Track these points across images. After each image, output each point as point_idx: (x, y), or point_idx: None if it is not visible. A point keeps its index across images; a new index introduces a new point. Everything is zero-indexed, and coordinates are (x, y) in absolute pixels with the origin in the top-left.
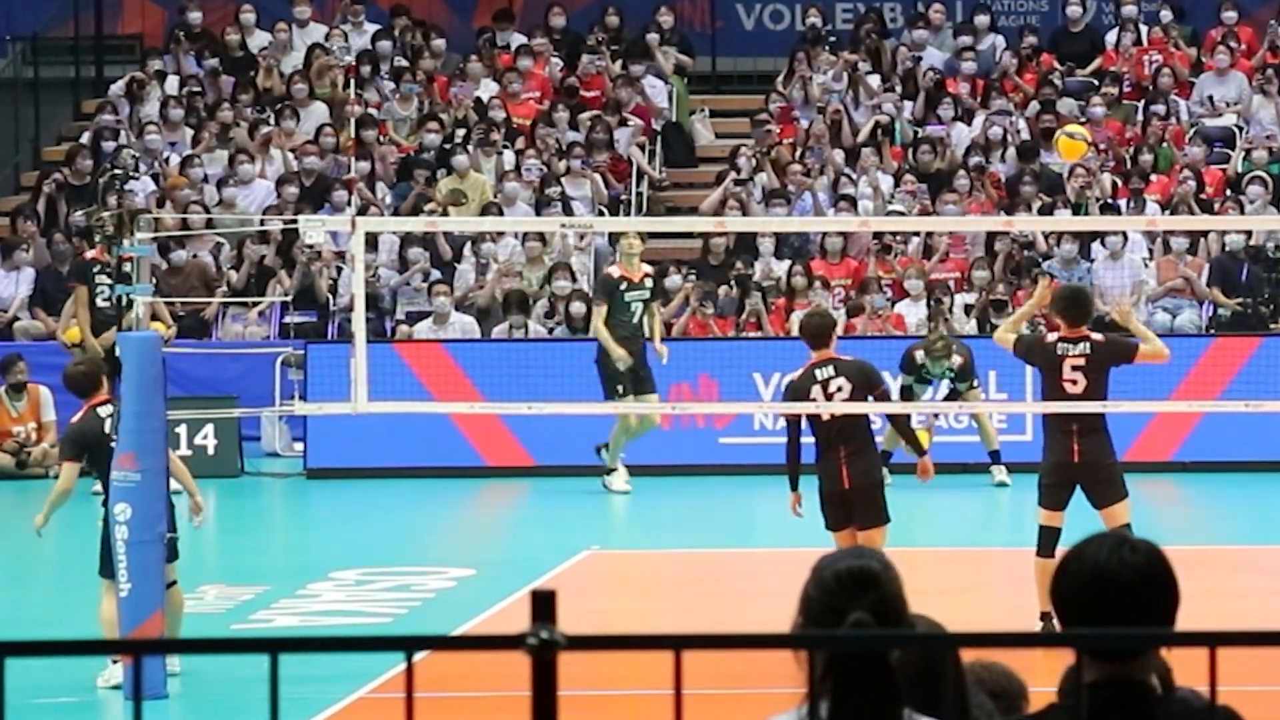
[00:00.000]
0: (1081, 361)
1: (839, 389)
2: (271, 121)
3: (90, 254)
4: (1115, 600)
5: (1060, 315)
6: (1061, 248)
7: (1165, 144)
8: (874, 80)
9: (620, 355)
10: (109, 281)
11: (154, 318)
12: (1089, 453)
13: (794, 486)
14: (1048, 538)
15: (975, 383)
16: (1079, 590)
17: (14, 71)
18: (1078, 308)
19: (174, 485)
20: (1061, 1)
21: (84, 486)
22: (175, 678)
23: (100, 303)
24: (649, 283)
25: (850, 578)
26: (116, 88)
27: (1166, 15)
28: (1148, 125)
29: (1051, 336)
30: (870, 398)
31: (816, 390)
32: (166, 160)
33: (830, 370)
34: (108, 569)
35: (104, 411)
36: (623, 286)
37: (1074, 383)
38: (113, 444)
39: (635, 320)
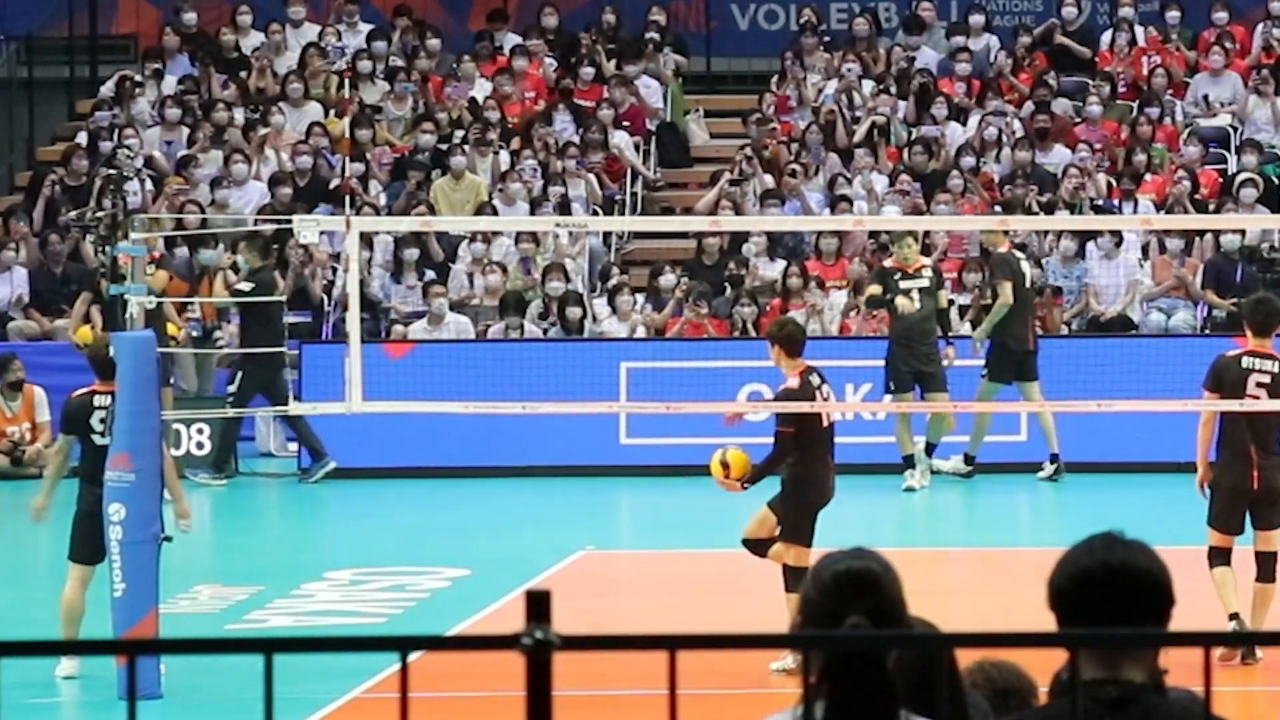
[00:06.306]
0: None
1: (830, 393)
2: (266, 122)
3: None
4: (1106, 600)
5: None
6: (1061, 245)
7: (1160, 144)
8: (867, 83)
9: (907, 304)
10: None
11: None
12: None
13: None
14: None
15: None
16: (1072, 590)
17: (8, 71)
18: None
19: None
20: (1056, 2)
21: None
22: None
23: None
24: (927, 273)
25: (850, 580)
26: (106, 88)
27: (1174, 15)
28: (1137, 125)
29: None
30: None
31: (817, 395)
32: (149, 161)
33: (817, 377)
34: (77, 553)
35: (100, 400)
36: (896, 276)
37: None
38: (94, 435)
39: (918, 312)
